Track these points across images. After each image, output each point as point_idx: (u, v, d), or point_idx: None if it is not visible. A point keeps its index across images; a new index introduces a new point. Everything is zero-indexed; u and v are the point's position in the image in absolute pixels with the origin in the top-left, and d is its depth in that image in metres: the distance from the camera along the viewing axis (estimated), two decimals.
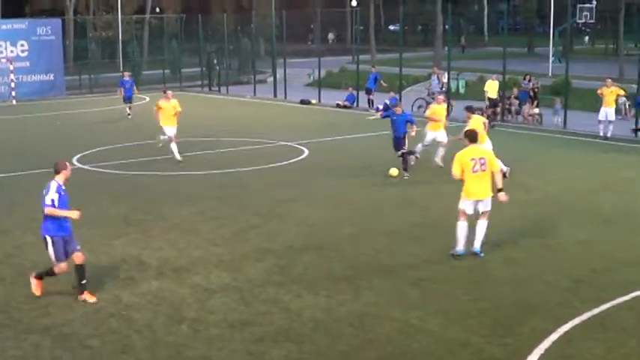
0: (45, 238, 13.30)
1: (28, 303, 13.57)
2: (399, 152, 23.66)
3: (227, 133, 25.22)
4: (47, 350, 11.62)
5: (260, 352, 11.53)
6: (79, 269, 13.44)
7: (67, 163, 13.63)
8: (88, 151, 28.88)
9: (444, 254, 15.91)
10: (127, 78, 38.95)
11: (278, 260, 15.83)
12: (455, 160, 15.67)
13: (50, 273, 13.65)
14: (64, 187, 13.33)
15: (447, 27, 55.26)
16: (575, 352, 11.39)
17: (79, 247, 13.55)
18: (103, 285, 14.23)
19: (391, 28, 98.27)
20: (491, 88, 36.05)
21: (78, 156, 27.79)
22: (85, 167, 26.01)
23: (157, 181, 24.17)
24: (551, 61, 55.38)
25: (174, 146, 26.29)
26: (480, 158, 15.50)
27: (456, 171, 15.54)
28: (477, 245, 15.67)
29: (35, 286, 13.69)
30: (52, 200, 13.06)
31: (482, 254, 15.61)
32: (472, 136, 16.01)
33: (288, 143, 29.99)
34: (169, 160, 26.58)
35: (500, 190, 15.53)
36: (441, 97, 27.75)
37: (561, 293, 13.79)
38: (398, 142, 23.72)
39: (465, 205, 15.58)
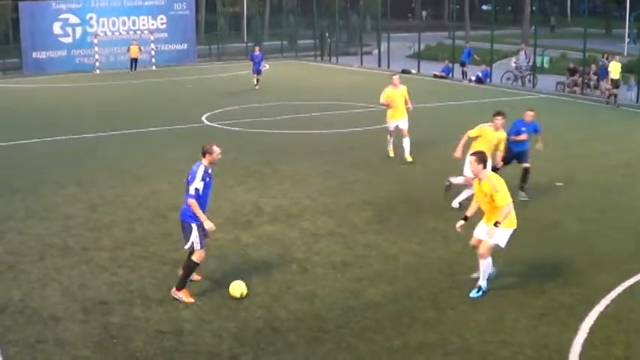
0: (190, 226, 11.12)
1: (162, 239, 13.91)
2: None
3: (339, 98, 25.06)
4: (177, 279, 11.86)
5: (358, 290, 11.57)
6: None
7: (215, 147, 11.13)
8: (216, 111, 29.23)
9: (521, 207, 15.61)
10: (257, 52, 37.25)
11: (378, 211, 15.80)
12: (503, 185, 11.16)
13: (189, 274, 11.40)
14: (210, 172, 11.14)
15: (533, 8, 54.10)
16: (637, 304, 11.10)
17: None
18: (226, 226, 14.40)
19: (484, 7, 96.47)
20: (614, 69, 32.56)
21: (207, 114, 28.18)
22: (213, 124, 26.33)
23: (276, 138, 24.29)
24: (626, 42, 53.74)
25: (406, 142, 20.31)
26: None
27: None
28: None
29: (186, 296, 11.27)
30: (197, 190, 10.90)
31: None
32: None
33: None
34: (289, 119, 26.67)
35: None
36: None
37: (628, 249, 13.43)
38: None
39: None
